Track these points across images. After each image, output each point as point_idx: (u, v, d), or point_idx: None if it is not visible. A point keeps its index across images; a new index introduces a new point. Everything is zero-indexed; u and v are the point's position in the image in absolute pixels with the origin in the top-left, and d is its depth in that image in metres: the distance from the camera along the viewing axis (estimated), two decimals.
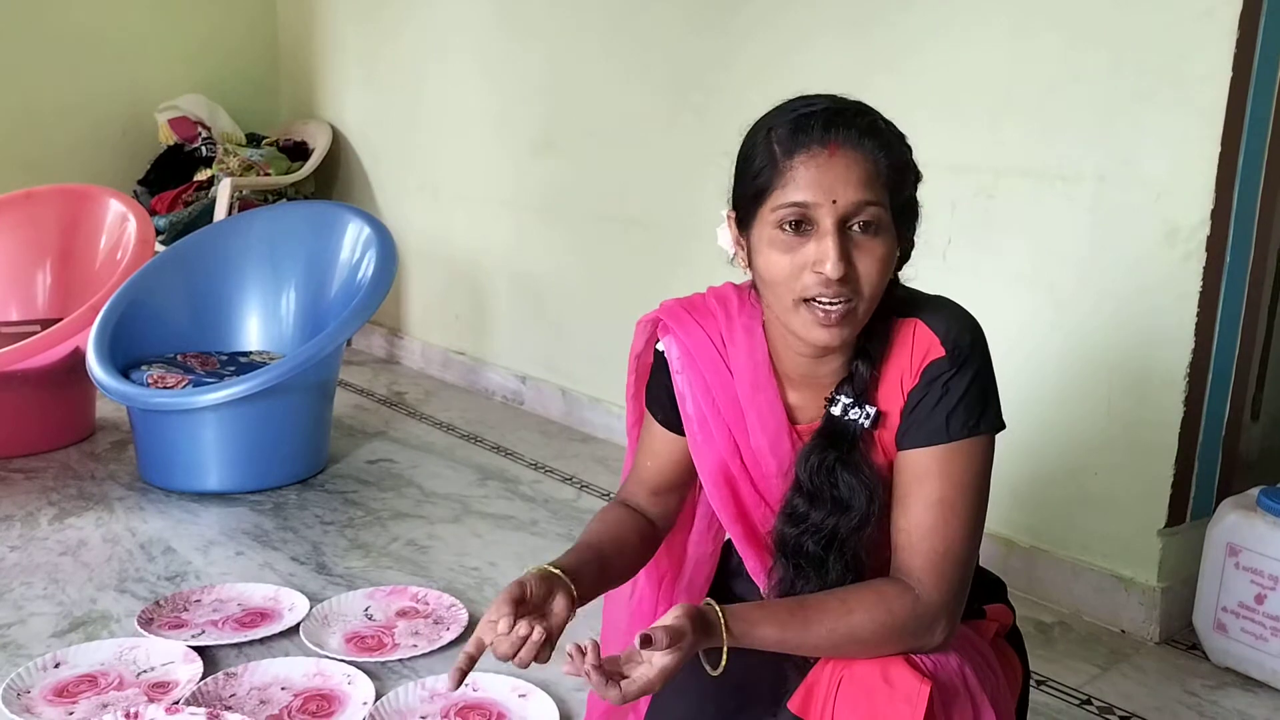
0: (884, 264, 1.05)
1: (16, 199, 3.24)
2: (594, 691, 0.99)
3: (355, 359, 3.92)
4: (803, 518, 1.13)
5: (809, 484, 1.12)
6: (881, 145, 1.05)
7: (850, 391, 1.12)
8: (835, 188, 1.03)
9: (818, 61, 2.45)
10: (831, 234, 1.02)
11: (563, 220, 3.21)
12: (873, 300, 1.06)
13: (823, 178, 1.03)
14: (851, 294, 1.05)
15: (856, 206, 1.03)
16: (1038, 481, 2.18)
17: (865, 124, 1.05)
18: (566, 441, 3.12)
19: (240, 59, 4.25)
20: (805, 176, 1.03)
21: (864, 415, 1.11)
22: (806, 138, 1.04)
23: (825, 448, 1.12)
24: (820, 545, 1.12)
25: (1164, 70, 1.92)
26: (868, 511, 1.10)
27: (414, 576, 2.24)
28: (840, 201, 1.03)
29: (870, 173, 1.04)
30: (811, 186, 1.03)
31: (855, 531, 1.11)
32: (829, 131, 1.04)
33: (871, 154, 1.04)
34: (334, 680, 1.81)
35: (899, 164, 1.06)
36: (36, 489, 2.63)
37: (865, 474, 1.11)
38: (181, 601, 2.07)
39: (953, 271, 2.23)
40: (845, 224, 1.04)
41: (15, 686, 1.75)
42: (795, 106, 1.08)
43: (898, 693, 1.02)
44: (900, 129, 1.09)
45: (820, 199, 1.03)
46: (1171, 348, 1.98)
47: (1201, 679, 1.95)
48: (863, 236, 1.04)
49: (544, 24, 3.17)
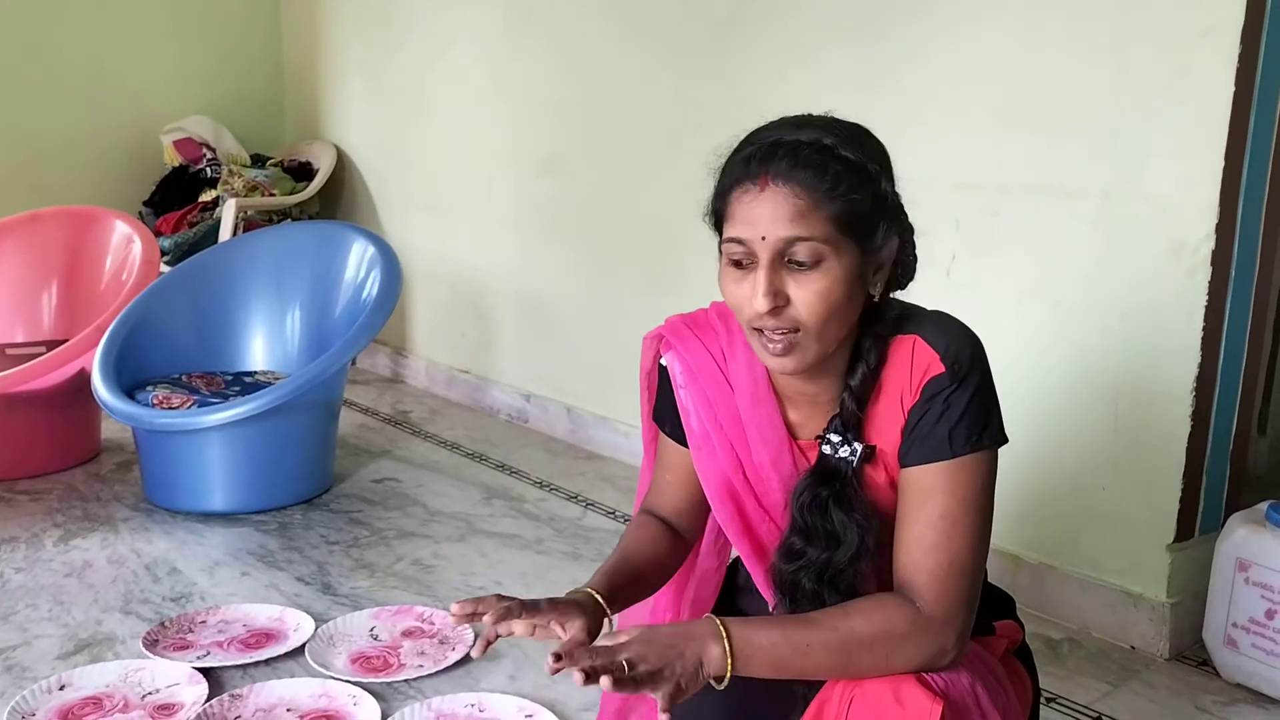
0: (823, 295, 1.05)
1: (22, 221, 3.25)
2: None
3: (360, 378, 3.92)
4: (799, 554, 1.14)
5: (802, 521, 1.13)
6: (817, 174, 1.03)
7: (839, 427, 1.13)
8: (764, 223, 1.04)
9: (822, 80, 2.46)
10: (764, 269, 1.05)
11: (567, 238, 3.22)
12: (821, 329, 1.06)
13: (753, 214, 1.05)
14: (791, 324, 1.06)
15: (785, 242, 1.04)
16: (1045, 497, 2.18)
17: (804, 154, 1.04)
18: (572, 459, 3.11)
19: (245, 80, 4.27)
20: (740, 213, 1.06)
21: (852, 453, 1.12)
22: (744, 173, 1.06)
23: (818, 485, 1.13)
24: (814, 581, 1.12)
25: (1167, 85, 1.93)
26: (859, 548, 1.11)
27: (419, 596, 2.23)
28: (769, 238, 1.04)
29: (799, 208, 1.03)
30: (745, 223, 1.06)
31: (849, 566, 1.12)
32: (763, 166, 1.05)
33: (804, 185, 1.03)
34: (340, 701, 1.81)
35: (842, 190, 1.04)
36: (42, 510, 2.63)
37: (858, 510, 1.12)
38: (187, 623, 2.07)
39: (958, 288, 2.23)
40: (782, 257, 1.05)
41: (20, 709, 1.75)
42: (751, 136, 1.10)
43: (909, 712, 1.01)
44: (862, 156, 1.06)
45: (751, 235, 1.05)
46: (1178, 362, 1.98)
47: (1213, 695, 1.94)
48: (799, 271, 1.05)
49: (548, 44, 3.18)
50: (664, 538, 1.29)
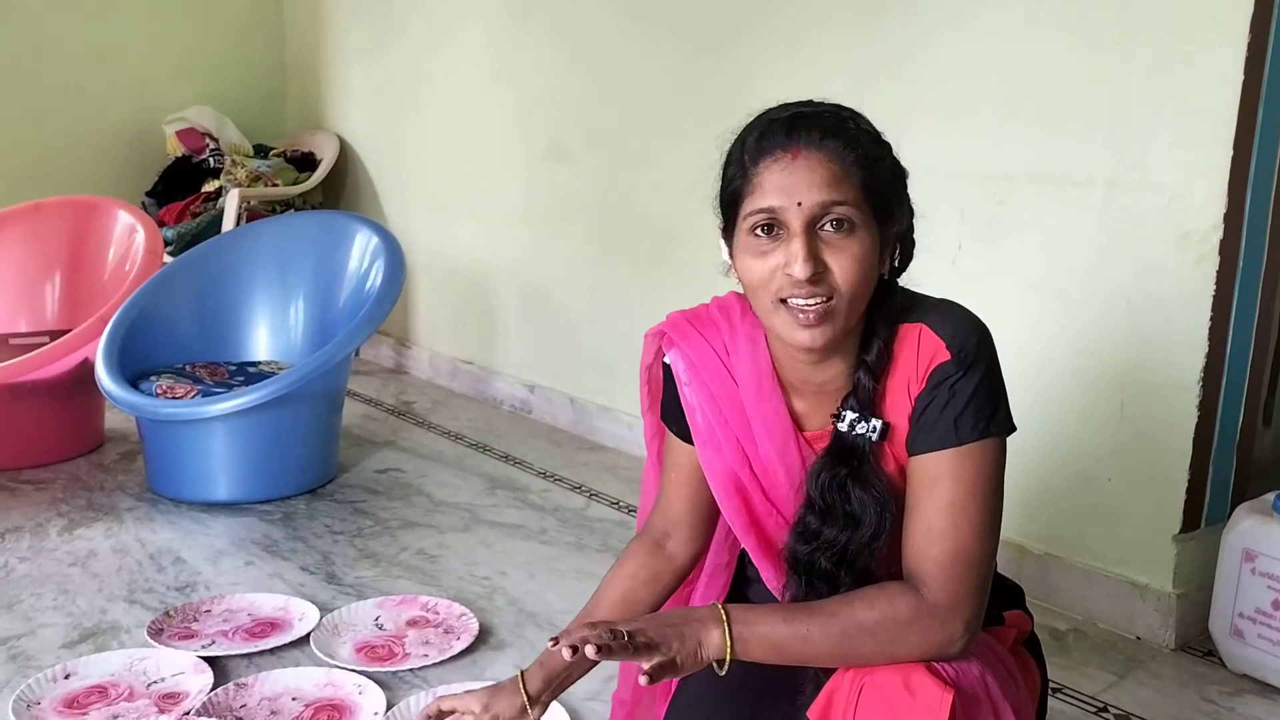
0: (860, 261, 1.05)
1: (25, 211, 3.24)
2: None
3: (363, 369, 3.92)
4: (815, 535, 1.13)
5: (820, 501, 1.12)
6: (847, 143, 1.05)
7: (855, 405, 1.12)
8: (799, 190, 1.04)
9: (824, 68, 2.45)
10: (800, 235, 1.04)
11: (570, 229, 3.21)
12: (854, 298, 1.06)
13: (787, 181, 1.05)
14: (828, 292, 1.06)
15: (823, 207, 1.04)
16: (1050, 488, 2.17)
17: (830, 124, 1.06)
18: (575, 450, 3.11)
19: (247, 70, 4.26)
20: (771, 181, 1.05)
21: (870, 429, 1.11)
22: (770, 143, 1.06)
23: (836, 464, 1.12)
24: (832, 561, 1.12)
25: (1175, 73, 1.92)
26: (879, 526, 1.10)
27: (424, 586, 2.23)
28: (805, 203, 1.04)
29: (835, 173, 1.04)
30: (777, 191, 1.05)
31: (866, 546, 1.11)
32: (791, 135, 1.05)
33: (836, 153, 1.05)
34: (345, 690, 1.81)
35: (869, 160, 1.06)
36: (46, 500, 2.63)
37: (876, 488, 1.11)
38: (191, 612, 2.07)
39: (963, 278, 2.22)
40: (815, 224, 1.05)
41: (25, 698, 1.75)
42: (766, 114, 1.10)
43: (919, 701, 1.01)
44: (877, 130, 1.10)
45: (786, 202, 1.05)
46: (1184, 353, 1.97)
47: (1218, 686, 1.94)
48: (835, 235, 1.05)
49: (551, 34, 3.17)
50: (644, 569, 1.29)
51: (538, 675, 1.26)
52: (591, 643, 0.97)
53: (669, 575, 1.31)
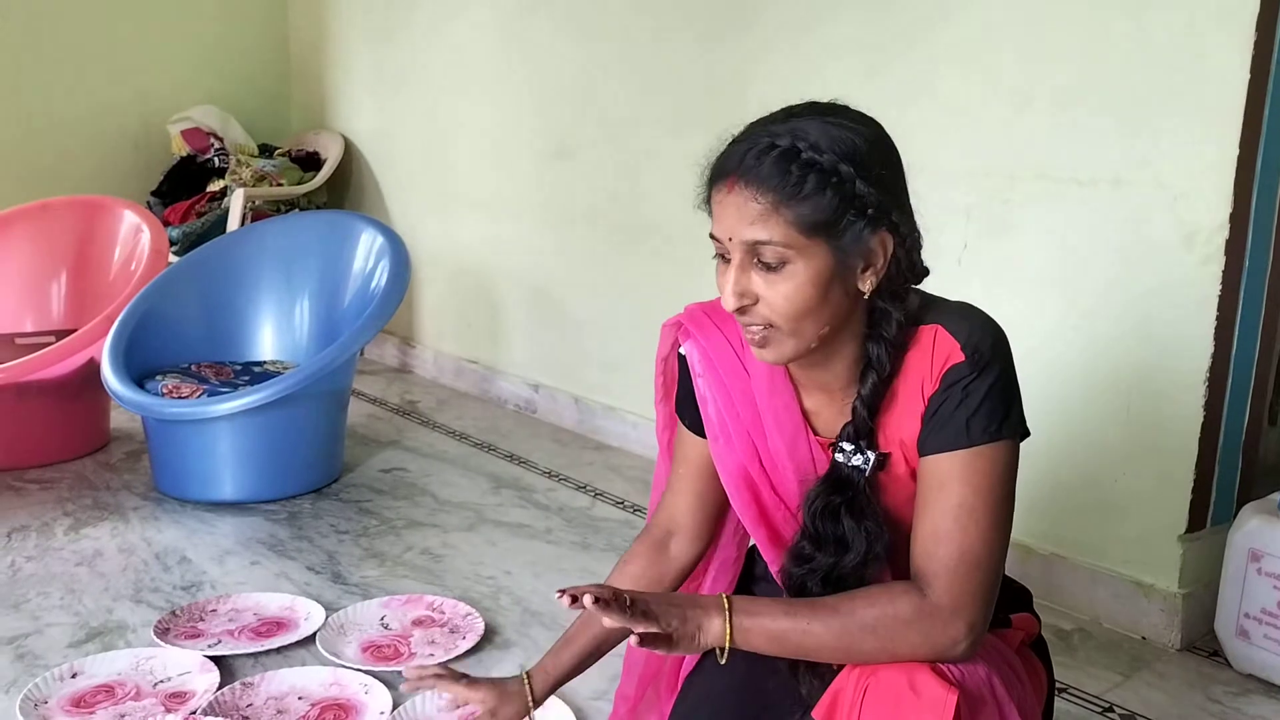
0: (791, 296, 1.05)
1: (31, 210, 3.25)
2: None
3: (368, 368, 3.92)
4: (808, 558, 1.15)
5: (812, 528, 1.14)
6: (779, 179, 1.02)
7: (852, 436, 1.13)
8: (730, 225, 1.06)
9: (831, 65, 2.45)
10: (733, 269, 1.07)
11: (575, 228, 3.21)
12: (795, 327, 1.06)
13: (723, 215, 1.07)
14: (763, 321, 1.07)
15: (750, 245, 1.05)
16: (1056, 487, 2.17)
17: (768, 159, 1.03)
18: (580, 450, 3.11)
19: (251, 69, 4.27)
20: (715, 212, 1.08)
21: (865, 461, 1.12)
22: (717, 170, 1.08)
23: (830, 492, 1.14)
24: (820, 585, 1.13)
25: (1181, 71, 1.92)
26: (867, 553, 1.11)
27: (429, 585, 2.23)
28: (735, 240, 1.06)
29: (761, 211, 1.03)
30: (718, 223, 1.08)
31: (854, 571, 1.12)
32: (731, 166, 1.06)
33: (767, 189, 1.03)
34: (351, 689, 1.81)
35: (807, 193, 1.02)
36: (52, 499, 2.64)
37: (869, 518, 1.12)
38: (197, 611, 2.07)
39: (968, 277, 2.22)
40: (752, 258, 1.06)
41: (32, 697, 1.75)
42: (736, 136, 1.10)
43: (924, 701, 1.01)
44: (849, 146, 1.03)
45: (722, 235, 1.08)
46: (1190, 352, 1.97)
47: (1224, 686, 1.94)
48: (766, 272, 1.06)
49: (556, 32, 3.17)
50: (648, 570, 1.32)
51: (542, 680, 1.28)
52: (591, 594, 0.98)
53: (672, 576, 1.33)
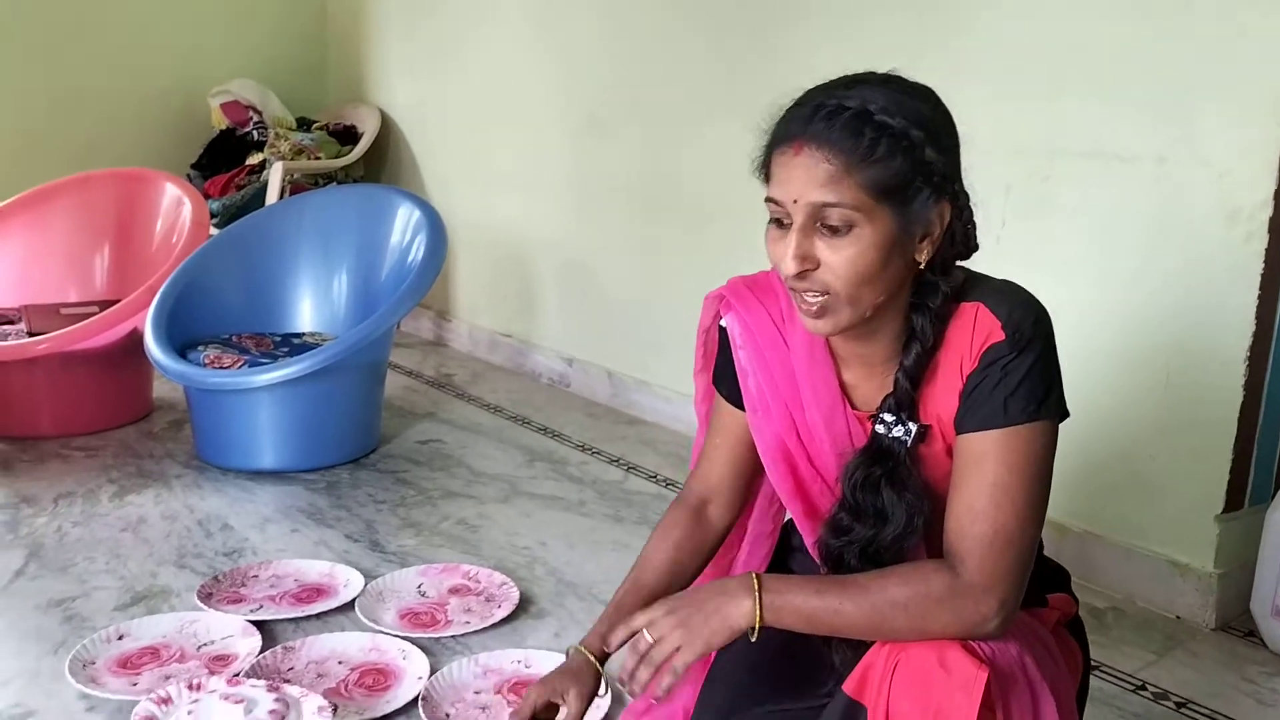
0: (855, 261, 1.04)
1: (74, 183, 3.30)
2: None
3: (404, 341, 3.96)
4: (846, 530, 1.15)
5: (852, 499, 1.14)
6: (852, 142, 1.02)
7: (894, 407, 1.12)
8: (797, 187, 1.04)
9: (870, 40, 2.43)
10: (795, 232, 1.05)
11: (611, 202, 3.21)
12: (853, 295, 1.06)
13: (788, 177, 1.05)
14: (822, 288, 1.06)
15: (816, 209, 1.04)
16: (1092, 466, 2.16)
17: (840, 121, 1.02)
18: (613, 424, 3.13)
19: (289, 43, 4.29)
20: (778, 175, 1.07)
21: (906, 432, 1.12)
22: (782, 133, 1.07)
23: (870, 464, 1.13)
24: (858, 557, 1.13)
25: (1224, 47, 1.89)
26: (907, 526, 1.11)
27: (465, 555, 2.26)
28: (801, 202, 1.04)
29: (832, 172, 1.02)
30: (781, 185, 1.06)
31: (894, 544, 1.12)
32: (798, 128, 1.05)
33: (840, 151, 1.02)
34: (389, 655, 1.84)
35: (879, 157, 1.02)
36: (97, 466, 2.69)
37: (909, 490, 1.12)
38: (240, 577, 2.11)
39: (1007, 255, 2.18)
40: (814, 221, 1.05)
41: (81, 658, 1.80)
42: (798, 99, 1.09)
43: (954, 678, 1.01)
44: (918, 114, 1.04)
45: (786, 198, 1.06)
46: (1231, 330, 1.95)
47: (1259, 666, 1.93)
48: (830, 236, 1.05)
49: (592, 6, 3.16)
50: (690, 539, 1.31)
51: (598, 646, 1.26)
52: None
53: (711, 542, 1.33)
